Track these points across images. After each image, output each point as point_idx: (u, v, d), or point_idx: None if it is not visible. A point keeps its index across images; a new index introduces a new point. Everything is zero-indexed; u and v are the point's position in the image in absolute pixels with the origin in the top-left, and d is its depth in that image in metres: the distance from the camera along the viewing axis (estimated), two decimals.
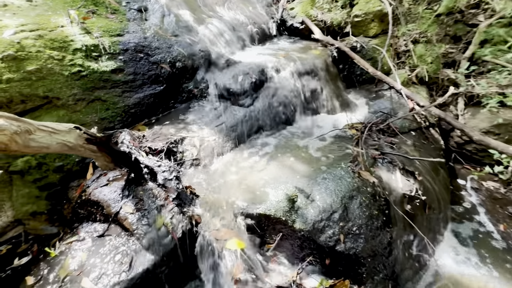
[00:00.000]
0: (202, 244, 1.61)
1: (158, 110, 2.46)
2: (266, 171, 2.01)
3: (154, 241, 1.66)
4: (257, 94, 2.59)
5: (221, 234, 1.62)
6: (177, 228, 1.74)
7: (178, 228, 1.74)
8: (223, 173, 2.04)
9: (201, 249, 1.61)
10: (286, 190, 1.81)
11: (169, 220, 1.76)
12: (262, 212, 1.71)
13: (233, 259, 1.55)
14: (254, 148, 2.33)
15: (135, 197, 1.88)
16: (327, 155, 2.17)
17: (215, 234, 1.61)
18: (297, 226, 1.71)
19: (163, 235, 1.70)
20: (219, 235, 1.61)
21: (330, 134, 2.46)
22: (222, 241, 1.60)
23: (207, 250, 1.60)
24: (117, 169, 2.06)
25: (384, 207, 1.94)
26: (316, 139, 2.39)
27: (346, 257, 1.76)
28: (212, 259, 1.59)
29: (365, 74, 3.43)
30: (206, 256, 1.60)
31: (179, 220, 1.75)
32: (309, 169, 2.02)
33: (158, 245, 1.66)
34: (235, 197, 1.79)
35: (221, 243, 1.60)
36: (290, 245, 1.77)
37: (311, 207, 1.77)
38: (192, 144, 2.15)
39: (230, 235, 1.62)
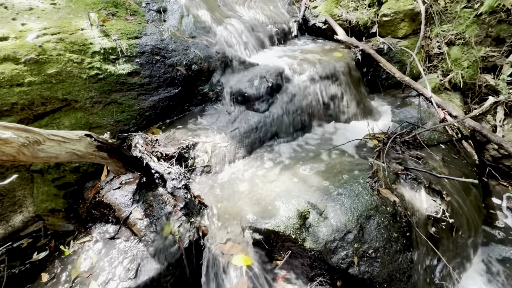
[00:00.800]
0: (208, 257, 1.57)
1: (173, 112, 2.45)
2: (278, 182, 1.92)
3: (161, 249, 1.65)
4: (273, 99, 2.49)
5: (228, 248, 1.57)
6: (184, 238, 1.71)
7: (185, 237, 1.71)
8: (234, 182, 1.98)
9: (206, 262, 1.57)
10: (297, 205, 1.72)
11: (176, 228, 1.74)
12: (271, 228, 1.63)
13: (238, 275, 1.50)
14: (267, 156, 2.25)
15: (144, 202, 1.88)
16: (344, 167, 2.04)
17: (221, 247, 1.57)
18: (308, 245, 1.62)
19: (170, 244, 1.69)
20: (226, 249, 1.56)
21: (349, 144, 2.32)
22: (228, 256, 1.55)
23: (213, 264, 1.56)
24: (129, 173, 2.08)
25: (405, 228, 1.78)
26: (333, 150, 2.26)
27: (359, 280, 1.64)
28: (217, 274, 1.55)
29: (391, 79, 3.21)
30: (211, 269, 1.56)
31: (186, 230, 1.72)
32: (324, 182, 1.91)
33: (164, 254, 1.65)
34: (244, 209, 1.73)
35: (227, 257, 1.55)
36: (299, 263, 1.68)
37: (324, 225, 1.67)
38: (204, 150, 2.11)
39: (236, 250, 1.56)
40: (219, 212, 1.72)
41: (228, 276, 1.52)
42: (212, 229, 1.65)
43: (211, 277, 1.54)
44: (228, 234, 1.63)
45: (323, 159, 2.15)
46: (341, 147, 2.28)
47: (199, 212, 1.72)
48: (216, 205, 1.78)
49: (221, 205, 1.79)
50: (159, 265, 1.63)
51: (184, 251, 1.68)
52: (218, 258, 1.55)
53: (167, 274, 1.63)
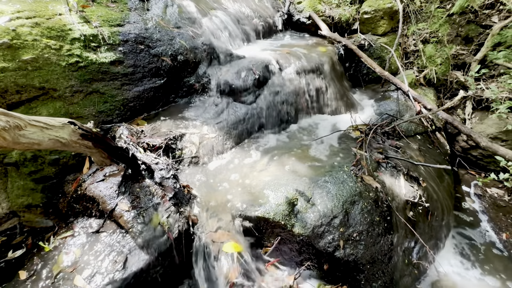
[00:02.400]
0: (198, 245, 1.57)
1: (158, 104, 2.40)
2: (267, 172, 1.95)
3: (149, 240, 1.63)
4: (260, 91, 2.51)
5: (218, 236, 1.58)
6: (173, 228, 1.70)
7: (174, 228, 1.70)
8: (222, 172, 1.99)
9: (196, 251, 1.57)
10: (286, 193, 1.76)
11: (165, 219, 1.72)
12: (260, 215, 1.66)
13: (229, 262, 1.52)
14: (255, 147, 2.27)
15: (131, 194, 1.84)
16: (329, 157, 2.12)
17: (211, 236, 1.57)
18: (296, 230, 1.67)
19: (159, 235, 1.67)
20: (216, 237, 1.57)
21: (334, 135, 2.40)
22: (219, 243, 1.56)
23: (203, 252, 1.56)
24: (114, 164, 2.02)
25: (386, 213, 1.89)
26: (319, 140, 2.33)
27: (345, 263, 1.72)
28: (207, 261, 1.55)
29: (371, 74, 3.34)
30: (201, 258, 1.56)
31: (175, 220, 1.71)
32: (310, 171, 1.97)
33: (153, 245, 1.62)
34: (234, 198, 1.74)
35: (218, 245, 1.56)
36: (288, 249, 1.73)
37: (311, 212, 1.73)
38: (192, 141, 2.09)
39: (227, 238, 1.58)
40: (209, 202, 1.72)
41: (219, 263, 1.53)
42: (202, 218, 1.65)
43: (202, 266, 1.55)
44: (218, 222, 1.64)
45: (310, 149, 2.21)
46: (326, 138, 2.36)
47: (188, 201, 1.71)
48: (206, 195, 1.78)
49: (211, 194, 1.80)
50: (148, 256, 1.60)
51: (173, 241, 1.66)
52: (208, 247, 1.56)
53: (156, 265, 1.61)
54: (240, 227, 1.65)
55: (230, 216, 1.67)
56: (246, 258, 1.57)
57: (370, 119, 2.51)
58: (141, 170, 1.89)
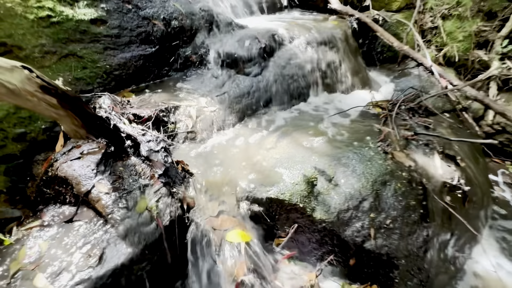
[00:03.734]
0: (196, 234, 1.24)
1: (149, 76, 2.07)
2: (277, 149, 1.63)
3: (133, 229, 1.29)
4: (266, 63, 2.20)
5: (220, 223, 1.25)
6: (164, 214, 1.36)
7: (165, 213, 1.36)
8: (224, 149, 1.66)
9: (193, 241, 1.24)
10: (303, 171, 1.44)
11: (154, 203, 1.39)
12: (273, 196, 1.34)
13: (234, 255, 1.19)
14: (262, 123, 1.95)
15: (113, 174, 1.50)
16: (349, 134, 1.80)
17: (212, 222, 1.24)
18: (318, 215, 1.34)
19: (145, 222, 1.33)
20: (217, 224, 1.24)
21: (351, 112, 2.09)
22: (221, 232, 1.23)
23: (202, 243, 1.23)
24: (94, 141, 1.68)
25: (421, 197, 1.57)
26: (335, 116, 2.01)
27: (376, 257, 1.40)
28: (207, 255, 1.22)
29: (386, 52, 3.05)
30: (200, 250, 1.23)
31: (167, 204, 1.38)
32: (329, 148, 1.65)
33: (138, 235, 1.29)
34: (239, 178, 1.42)
35: (220, 234, 1.23)
36: (307, 239, 1.40)
37: (335, 193, 1.41)
38: (188, 115, 1.77)
39: (231, 224, 1.25)
40: (208, 181, 1.39)
41: (222, 256, 1.20)
42: (200, 201, 1.32)
43: (200, 259, 1.21)
44: (220, 206, 1.30)
45: (325, 126, 1.89)
46: (343, 115, 2.04)
47: (183, 181, 1.38)
48: (204, 173, 1.45)
49: (211, 173, 1.47)
50: (131, 249, 1.27)
51: (164, 230, 1.33)
52: (208, 235, 1.22)
53: (141, 260, 1.27)
54: (247, 212, 1.32)
55: (235, 199, 1.34)
56: (256, 250, 1.24)
57: (391, 95, 2.21)
58: (126, 147, 1.55)
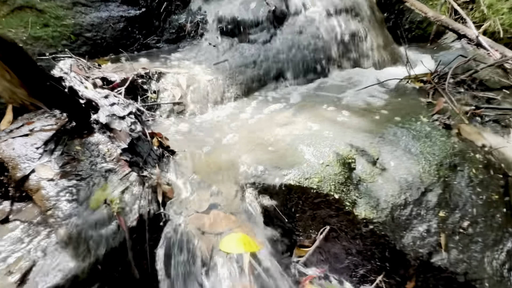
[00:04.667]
0: (172, 240, 0.79)
1: (133, 44, 1.69)
2: (294, 125, 1.19)
3: (81, 231, 0.86)
4: (276, 30, 1.79)
5: (211, 222, 0.80)
6: (131, 210, 0.93)
7: (133, 209, 0.93)
8: (223, 125, 1.23)
9: (168, 251, 0.79)
10: (334, 148, 0.99)
11: (117, 194, 0.95)
12: (293, 182, 0.88)
13: (233, 274, 0.73)
14: (272, 97, 1.53)
15: (65, 155, 1.08)
16: (388, 108, 1.36)
17: (198, 221, 0.80)
18: (361, 212, 0.88)
19: (102, 222, 0.90)
20: (207, 224, 0.80)
21: (385, 87, 1.65)
22: (213, 237, 0.78)
23: (181, 254, 0.78)
24: (53, 116, 1.28)
25: (502, 189, 1.10)
26: (366, 91, 1.57)
27: (448, 277, 0.92)
28: (189, 274, 0.76)
29: (415, 30, 2.63)
30: (177, 266, 0.77)
31: (136, 196, 0.94)
32: (365, 122, 1.20)
33: (88, 240, 0.85)
34: (242, 158, 0.98)
35: (211, 240, 0.78)
36: (343, 250, 0.93)
37: (384, 180, 0.95)
38: (176, 83, 1.35)
39: (228, 225, 0.80)
40: (197, 163, 0.96)
41: (213, 276, 0.74)
42: (182, 189, 0.88)
43: (177, 282, 0.76)
44: (212, 197, 0.86)
45: (355, 101, 1.45)
46: (375, 92, 1.60)
47: (160, 161, 0.95)
48: (193, 154, 1.02)
49: (202, 153, 1.03)
50: (75, 263, 0.83)
51: (128, 234, 0.89)
52: (192, 242, 0.77)
53: (91, 279, 0.83)
54: (254, 206, 0.87)
55: (235, 186, 0.90)
56: (267, 266, 0.78)
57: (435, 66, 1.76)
58: (92, 122, 1.14)
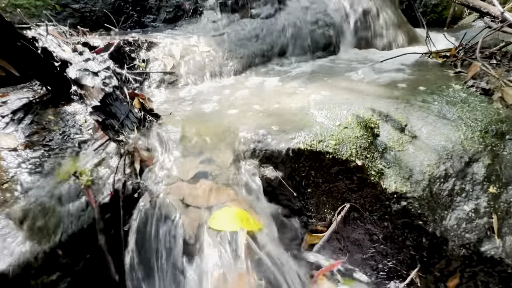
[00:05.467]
0: (147, 214, 0.62)
1: (126, 21, 1.56)
2: (303, 94, 1.02)
3: (40, 208, 0.69)
4: (280, 6, 1.65)
5: (198, 193, 0.62)
6: (104, 184, 0.76)
7: (106, 183, 0.76)
8: (220, 95, 1.06)
9: (142, 229, 0.61)
10: (353, 111, 0.81)
11: (89, 166, 0.79)
12: (303, 146, 0.70)
13: (225, 259, 0.55)
14: (276, 70, 1.37)
15: (34, 124, 0.93)
16: (412, 80, 1.18)
17: (181, 191, 0.62)
18: (390, 184, 0.69)
19: (67, 197, 0.74)
20: (193, 195, 0.62)
21: (402, 62, 1.47)
22: (200, 211, 0.60)
23: (158, 233, 0.60)
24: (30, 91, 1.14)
25: None
26: (380, 65, 1.40)
27: (503, 272, 0.72)
28: (168, 258, 0.58)
29: (429, 14, 2.46)
30: (151, 247, 0.60)
31: (112, 170, 0.77)
32: (387, 90, 1.03)
33: (48, 219, 0.69)
34: (240, 123, 0.80)
35: (197, 214, 0.60)
36: (366, 235, 0.74)
37: (416, 148, 0.76)
38: (168, 53, 1.20)
39: (220, 198, 0.62)
40: (186, 129, 0.79)
41: (199, 261, 0.56)
42: (165, 156, 0.71)
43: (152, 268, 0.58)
44: (202, 165, 0.69)
45: (372, 74, 1.28)
46: (394, 66, 1.42)
47: (141, 125, 0.78)
48: (183, 120, 0.85)
49: (191, 119, 0.86)
50: (30, 246, 0.66)
51: (99, 212, 0.72)
52: (172, 216, 0.60)
53: (50, 267, 0.66)
54: (254, 180, 0.69)
55: (231, 154, 0.72)
56: (270, 250, 0.59)
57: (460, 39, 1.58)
58: (72, 93, 0.99)
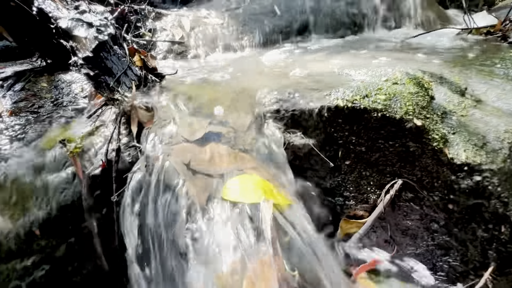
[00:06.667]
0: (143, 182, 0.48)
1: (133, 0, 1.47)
2: (332, 62, 0.87)
3: (16, 180, 0.57)
4: None
5: (207, 158, 0.48)
6: (96, 154, 0.63)
7: (99, 153, 0.63)
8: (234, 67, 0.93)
9: (135, 200, 0.47)
10: (400, 69, 0.65)
11: (81, 134, 0.67)
12: (343, 102, 0.55)
13: (243, 239, 0.40)
14: (297, 46, 1.23)
15: (26, 91, 0.83)
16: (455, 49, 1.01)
17: (186, 154, 0.48)
18: (459, 153, 0.53)
19: (52, 168, 0.62)
20: (201, 159, 0.48)
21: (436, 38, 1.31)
22: (209, 180, 0.46)
23: (157, 206, 0.46)
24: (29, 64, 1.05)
25: None
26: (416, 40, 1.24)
27: None
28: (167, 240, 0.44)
29: None
30: (152, 224, 0.46)
31: (107, 138, 0.65)
32: (430, 57, 0.87)
33: (24, 193, 0.57)
34: (260, 84, 0.66)
35: (204, 183, 0.46)
36: (421, 222, 0.57)
37: (483, 113, 0.60)
38: (177, 24, 1.09)
39: (234, 163, 0.48)
40: (195, 89, 0.65)
41: (207, 242, 0.42)
42: (168, 115, 0.57)
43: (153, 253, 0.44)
44: (212, 126, 0.55)
45: (409, 46, 1.12)
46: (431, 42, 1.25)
47: (141, 83, 0.66)
48: (190, 83, 0.72)
49: (201, 83, 0.73)
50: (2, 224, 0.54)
51: (87, 186, 0.59)
52: (174, 184, 0.46)
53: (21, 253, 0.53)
54: (277, 146, 0.54)
55: (249, 116, 0.58)
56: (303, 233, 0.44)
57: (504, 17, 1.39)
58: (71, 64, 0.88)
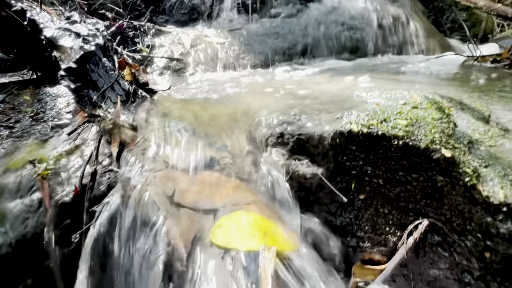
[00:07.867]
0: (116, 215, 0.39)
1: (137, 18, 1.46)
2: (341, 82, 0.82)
3: None
4: (303, 7, 1.52)
5: (196, 187, 0.40)
6: (69, 178, 0.55)
7: (73, 176, 0.55)
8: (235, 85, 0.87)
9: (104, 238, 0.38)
10: (417, 92, 0.59)
11: (56, 153, 0.59)
12: (357, 127, 0.47)
13: None
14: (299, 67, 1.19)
15: (5, 104, 0.76)
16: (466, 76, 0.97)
17: (169, 183, 0.40)
18: (495, 191, 0.44)
19: (15, 192, 0.52)
20: (186, 190, 0.39)
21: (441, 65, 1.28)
22: (199, 216, 0.37)
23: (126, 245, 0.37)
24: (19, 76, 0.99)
25: None
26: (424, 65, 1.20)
27: None
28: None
29: (458, 30, 2.31)
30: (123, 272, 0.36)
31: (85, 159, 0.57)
32: (443, 82, 0.81)
33: None
34: (260, 105, 0.60)
35: (190, 220, 0.37)
36: (450, 271, 0.48)
37: None
38: (177, 41, 1.05)
39: (232, 195, 0.39)
40: (188, 107, 0.58)
41: None
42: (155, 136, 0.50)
43: None
44: (202, 149, 0.47)
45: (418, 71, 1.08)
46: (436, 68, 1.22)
47: (130, 99, 0.59)
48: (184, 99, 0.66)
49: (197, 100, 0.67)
50: None
51: (54, 216, 0.50)
52: (151, 220, 0.37)
53: None
54: (279, 176, 0.46)
55: (248, 140, 0.50)
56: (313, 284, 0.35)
57: None
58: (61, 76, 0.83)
